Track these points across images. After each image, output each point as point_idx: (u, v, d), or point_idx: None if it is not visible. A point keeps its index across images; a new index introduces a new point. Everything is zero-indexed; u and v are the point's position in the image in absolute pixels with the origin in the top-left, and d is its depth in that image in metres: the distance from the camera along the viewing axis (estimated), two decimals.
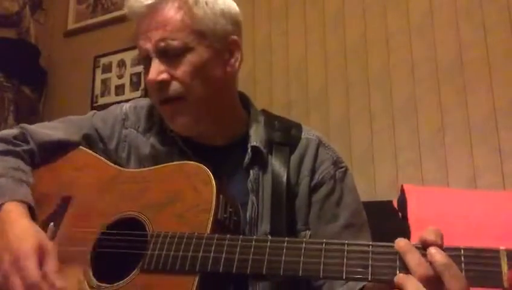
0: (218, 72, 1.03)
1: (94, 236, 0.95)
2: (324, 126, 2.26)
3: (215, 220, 0.87)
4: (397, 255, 0.71)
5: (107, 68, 2.97)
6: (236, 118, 1.12)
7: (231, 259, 0.80)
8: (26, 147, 1.08)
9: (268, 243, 0.79)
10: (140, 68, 2.73)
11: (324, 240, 0.77)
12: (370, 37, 2.28)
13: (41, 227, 0.94)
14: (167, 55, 0.99)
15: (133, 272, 0.87)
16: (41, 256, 0.86)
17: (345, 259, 0.73)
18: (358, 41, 2.30)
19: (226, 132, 1.10)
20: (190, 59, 0.99)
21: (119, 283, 0.87)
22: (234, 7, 1.08)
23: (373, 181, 2.14)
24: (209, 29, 1.01)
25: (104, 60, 2.99)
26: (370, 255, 0.72)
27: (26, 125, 1.13)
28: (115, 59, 2.95)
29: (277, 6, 2.54)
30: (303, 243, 0.78)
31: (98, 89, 2.97)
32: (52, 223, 0.98)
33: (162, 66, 0.99)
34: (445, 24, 2.13)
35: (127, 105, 1.19)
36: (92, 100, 2.97)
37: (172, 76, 0.99)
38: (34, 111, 3.01)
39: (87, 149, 1.11)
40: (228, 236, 0.83)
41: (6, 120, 2.82)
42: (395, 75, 2.20)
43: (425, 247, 0.70)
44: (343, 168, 1.09)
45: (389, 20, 2.25)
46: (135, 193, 0.97)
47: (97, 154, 1.11)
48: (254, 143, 1.05)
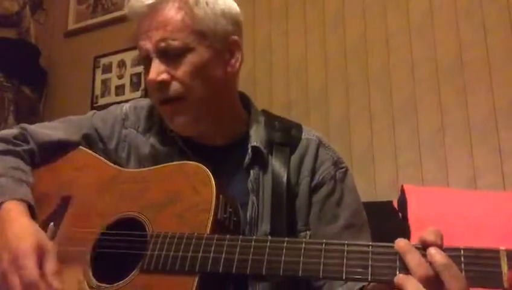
0: (218, 73, 1.03)
1: (94, 236, 0.95)
2: (324, 126, 2.26)
3: (214, 220, 0.86)
4: (397, 255, 0.71)
5: (107, 68, 2.97)
6: (236, 118, 1.12)
7: (231, 259, 0.80)
8: (26, 147, 1.08)
9: (268, 243, 0.79)
10: (140, 68, 2.73)
11: (324, 241, 0.76)
12: (370, 37, 2.28)
13: (41, 227, 0.94)
14: (167, 55, 0.99)
15: (133, 273, 0.87)
16: (40, 255, 0.86)
17: (345, 259, 0.73)
18: (358, 41, 2.30)
19: (226, 132, 1.10)
20: (190, 59, 0.99)
21: (118, 283, 0.87)
22: (235, 7, 1.08)
23: (373, 181, 2.14)
24: (209, 29, 1.01)
25: (104, 60, 2.99)
26: (370, 255, 0.72)
27: (26, 125, 1.13)
28: (115, 59, 2.95)
29: (277, 6, 2.54)
30: (303, 244, 0.77)
31: (98, 90, 2.97)
32: (52, 223, 0.98)
33: (162, 66, 0.99)
34: (445, 24, 2.13)
35: (127, 105, 1.19)
36: (92, 100, 2.96)
37: (172, 76, 0.99)
38: (34, 111, 3.01)
39: (87, 149, 1.11)
40: (228, 236, 0.83)
41: (6, 120, 2.82)
42: (395, 75, 2.20)
43: (425, 247, 0.69)
44: (343, 168, 1.09)
45: (389, 20, 2.25)
46: (135, 193, 0.97)
47: (97, 154, 1.11)
48: (254, 143, 1.05)
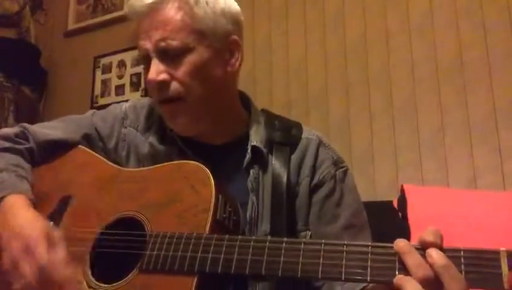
0: (218, 72, 1.03)
1: (93, 236, 0.95)
2: (324, 126, 2.26)
3: (214, 220, 0.86)
4: (396, 256, 0.70)
5: (107, 68, 2.97)
6: (236, 118, 1.12)
7: (230, 259, 0.80)
8: (26, 146, 1.08)
9: (267, 244, 0.79)
10: (140, 68, 2.73)
11: (323, 241, 0.76)
12: (370, 37, 2.28)
13: None
14: (167, 55, 0.99)
15: (132, 272, 0.87)
16: (49, 243, 0.84)
17: (344, 260, 0.73)
18: (358, 41, 2.30)
19: (226, 132, 1.10)
20: (190, 59, 0.99)
21: (118, 283, 0.87)
22: (235, 6, 1.07)
23: (373, 181, 2.14)
24: (209, 28, 1.00)
25: (104, 61, 2.99)
26: (369, 256, 0.72)
27: (26, 124, 1.13)
28: (115, 59, 2.95)
29: (277, 6, 2.53)
30: (302, 244, 0.77)
31: (98, 90, 2.97)
32: (51, 222, 0.98)
33: (162, 66, 0.99)
34: (445, 24, 2.13)
35: (127, 104, 1.18)
36: (92, 100, 2.96)
37: (172, 76, 0.99)
38: (34, 111, 3.01)
39: (86, 148, 1.11)
40: (227, 236, 0.83)
41: (6, 120, 2.82)
42: (395, 75, 2.19)
43: (424, 248, 0.69)
44: (343, 168, 1.09)
45: (389, 20, 2.25)
46: (134, 193, 0.97)
47: (97, 153, 1.11)
48: (254, 143, 1.05)
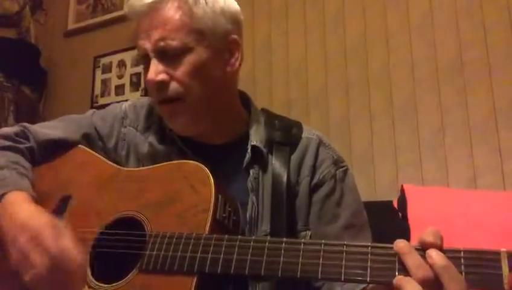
0: (217, 72, 1.03)
1: (93, 236, 0.95)
2: (324, 126, 2.26)
3: (214, 220, 0.86)
4: (396, 256, 0.70)
5: (107, 68, 2.97)
6: (236, 118, 1.12)
7: (229, 260, 0.80)
8: (27, 145, 1.08)
9: (266, 244, 0.79)
10: (140, 68, 2.73)
11: (323, 241, 0.76)
12: (370, 37, 2.28)
13: None
14: (166, 55, 0.98)
15: (132, 272, 0.87)
16: (56, 232, 0.84)
17: (344, 260, 0.73)
18: (358, 41, 2.30)
19: (226, 131, 1.10)
20: (189, 59, 0.98)
21: (117, 283, 0.87)
22: (234, 6, 1.07)
23: (373, 181, 2.14)
24: (208, 28, 1.00)
25: (104, 60, 2.99)
26: (369, 256, 0.72)
27: (26, 124, 1.13)
28: (115, 59, 2.95)
29: (277, 6, 2.53)
30: (301, 244, 0.77)
31: (98, 89, 2.97)
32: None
33: (161, 66, 0.99)
34: (445, 24, 2.13)
35: (127, 104, 1.18)
36: (92, 100, 2.96)
37: (171, 76, 0.99)
38: (34, 111, 3.01)
39: (86, 148, 1.11)
40: (226, 237, 0.82)
41: (6, 120, 2.82)
42: (395, 75, 2.19)
43: (424, 248, 0.69)
44: (343, 167, 1.09)
45: (389, 20, 2.25)
46: (134, 192, 0.97)
47: (96, 152, 1.11)
48: (254, 143, 1.05)
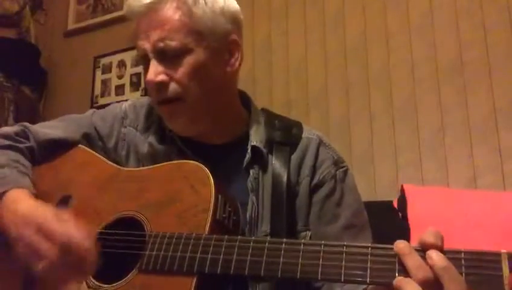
0: (217, 73, 1.02)
1: None
2: (324, 126, 2.26)
3: (213, 220, 0.86)
4: (396, 257, 0.70)
5: (107, 68, 2.97)
6: (236, 118, 1.12)
7: (229, 260, 0.80)
8: (27, 144, 1.08)
9: (266, 244, 0.79)
10: (140, 68, 2.73)
11: (323, 242, 0.76)
12: (370, 37, 2.28)
13: None
14: (165, 56, 0.98)
15: (132, 272, 0.87)
16: (61, 222, 0.83)
17: (344, 261, 0.72)
18: (358, 41, 2.30)
19: (226, 131, 1.10)
20: (189, 60, 0.98)
21: (117, 283, 0.87)
22: (234, 5, 1.06)
23: (373, 181, 2.13)
24: (208, 28, 0.99)
25: (104, 61, 2.99)
26: (369, 257, 0.71)
27: (26, 123, 1.13)
28: (115, 59, 2.95)
29: (277, 6, 2.53)
30: (301, 245, 0.77)
31: (98, 90, 2.97)
32: None
33: (160, 67, 0.98)
34: (445, 24, 2.13)
35: (127, 104, 1.18)
36: (92, 100, 2.96)
37: (170, 77, 0.98)
38: (34, 111, 3.01)
39: (86, 148, 1.11)
40: (226, 237, 0.82)
41: (6, 120, 2.82)
42: (395, 75, 2.19)
43: (424, 249, 0.68)
44: (344, 168, 1.08)
45: (389, 20, 2.25)
46: (134, 192, 0.97)
47: (97, 152, 1.10)
48: (254, 143, 1.05)
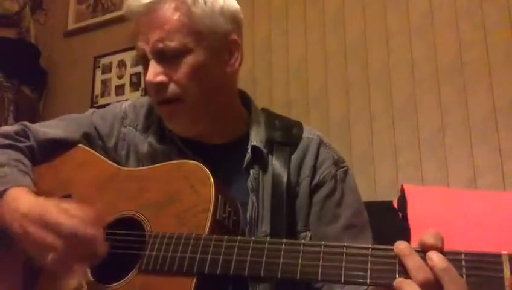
0: (217, 73, 1.02)
1: None
2: (324, 126, 2.26)
3: (213, 220, 0.86)
4: (397, 258, 0.69)
5: (107, 68, 2.97)
6: (236, 118, 1.12)
7: (229, 260, 0.80)
8: (27, 144, 1.08)
9: (266, 245, 0.79)
10: (140, 68, 2.72)
11: (323, 243, 0.75)
12: (370, 37, 2.28)
13: None
14: (165, 56, 0.98)
15: (131, 273, 0.87)
16: (64, 212, 0.83)
17: (344, 262, 0.72)
18: (358, 41, 2.30)
19: (226, 131, 1.09)
20: (188, 61, 0.98)
21: (117, 283, 0.87)
22: (234, 5, 1.06)
23: (373, 181, 2.13)
24: (207, 28, 0.99)
25: (104, 61, 2.99)
26: (369, 258, 0.71)
27: (27, 123, 1.13)
28: (115, 59, 2.95)
29: (277, 6, 2.53)
30: (301, 246, 0.76)
31: (98, 90, 2.97)
32: None
33: (160, 68, 0.98)
34: (445, 24, 2.13)
35: (127, 103, 1.18)
36: (92, 100, 2.96)
37: (170, 78, 0.98)
38: (34, 111, 3.01)
39: (86, 147, 1.11)
40: (226, 237, 0.82)
41: (6, 120, 2.82)
42: (395, 75, 2.19)
43: (425, 250, 0.68)
44: (344, 168, 1.08)
45: (389, 20, 2.25)
46: (134, 192, 0.97)
47: (97, 152, 1.10)
48: (254, 143, 1.05)
